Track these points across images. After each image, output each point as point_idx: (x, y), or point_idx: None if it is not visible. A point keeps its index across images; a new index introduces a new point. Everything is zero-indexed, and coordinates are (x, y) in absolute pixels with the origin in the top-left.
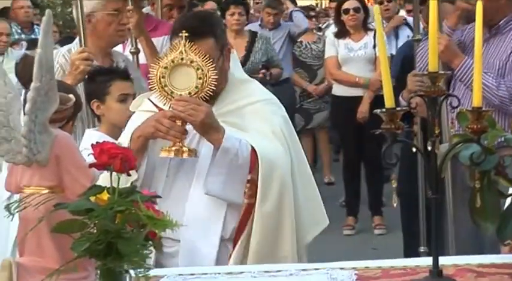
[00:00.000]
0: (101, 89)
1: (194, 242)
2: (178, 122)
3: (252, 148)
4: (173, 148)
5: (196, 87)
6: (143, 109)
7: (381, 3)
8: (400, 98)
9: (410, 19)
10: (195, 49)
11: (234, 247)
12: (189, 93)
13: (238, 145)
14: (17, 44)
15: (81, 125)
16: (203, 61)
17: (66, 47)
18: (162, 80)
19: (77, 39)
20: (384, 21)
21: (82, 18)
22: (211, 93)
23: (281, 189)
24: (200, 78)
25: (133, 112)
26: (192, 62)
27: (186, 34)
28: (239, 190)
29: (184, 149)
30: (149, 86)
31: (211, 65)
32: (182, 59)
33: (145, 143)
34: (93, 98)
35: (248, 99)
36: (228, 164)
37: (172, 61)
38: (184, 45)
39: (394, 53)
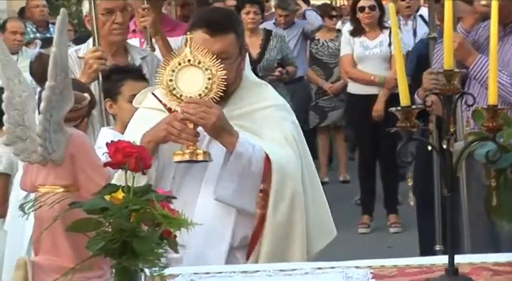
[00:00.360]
0: (113, 89)
1: (201, 249)
2: (190, 125)
3: (266, 155)
4: (187, 151)
5: (206, 88)
6: (147, 106)
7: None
8: (416, 96)
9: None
10: (202, 50)
11: (247, 258)
12: (199, 94)
13: (251, 150)
14: (31, 43)
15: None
16: (211, 61)
17: (75, 48)
18: (169, 83)
19: (90, 40)
20: (402, 19)
21: (96, 17)
22: (222, 94)
23: (293, 198)
24: (209, 79)
25: (137, 108)
26: (199, 62)
27: (191, 35)
28: (251, 198)
29: (199, 151)
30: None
31: (220, 65)
32: (189, 60)
33: (155, 148)
34: (106, 97)
35: (263, 103)
36: (241, 170)
37: (179, 63)
38: (191, 47)
39: None
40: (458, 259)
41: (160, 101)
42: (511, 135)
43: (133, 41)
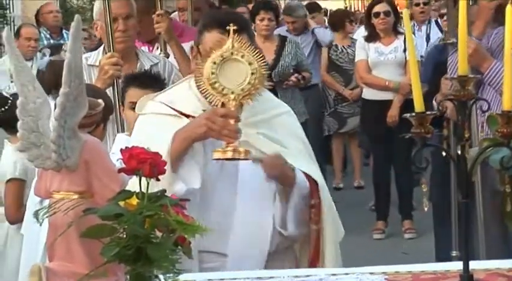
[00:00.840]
0: (122, 95)
1: (242, 257)
2: (232, 121)
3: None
4: (228, 149)
5: (249, 83)
6: (157, 111)
7: (417, 5)
8: (434, 102)
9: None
10: (244, 43)
11: None
12: (242, 89)
13: (299, 175)
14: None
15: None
16: (254, 56)
17: (84, 55)
18: (211, 76)
19: (100, 48)
20: (416, 24)
21: (110, 23)
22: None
23: (331, 209)
24: (253, 74)
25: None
26: (243, 56)
27: (235, 27)
28: (306, 219)
29: (241, 149)
30: (196, 84)
31: (262, 60)
32: (232, 53)
33: (189, 147)
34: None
35: (276, 110)
36: (299, 198)
37: (222, 56)
38: (233, 39)
39: None
40: (473, 265)
41: (173, 108)
42: None
43: None
